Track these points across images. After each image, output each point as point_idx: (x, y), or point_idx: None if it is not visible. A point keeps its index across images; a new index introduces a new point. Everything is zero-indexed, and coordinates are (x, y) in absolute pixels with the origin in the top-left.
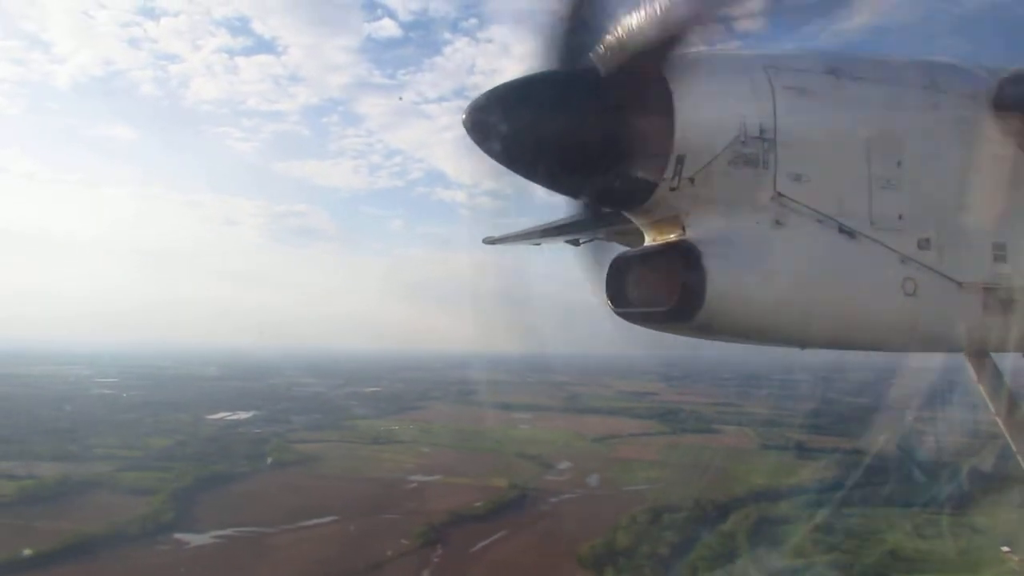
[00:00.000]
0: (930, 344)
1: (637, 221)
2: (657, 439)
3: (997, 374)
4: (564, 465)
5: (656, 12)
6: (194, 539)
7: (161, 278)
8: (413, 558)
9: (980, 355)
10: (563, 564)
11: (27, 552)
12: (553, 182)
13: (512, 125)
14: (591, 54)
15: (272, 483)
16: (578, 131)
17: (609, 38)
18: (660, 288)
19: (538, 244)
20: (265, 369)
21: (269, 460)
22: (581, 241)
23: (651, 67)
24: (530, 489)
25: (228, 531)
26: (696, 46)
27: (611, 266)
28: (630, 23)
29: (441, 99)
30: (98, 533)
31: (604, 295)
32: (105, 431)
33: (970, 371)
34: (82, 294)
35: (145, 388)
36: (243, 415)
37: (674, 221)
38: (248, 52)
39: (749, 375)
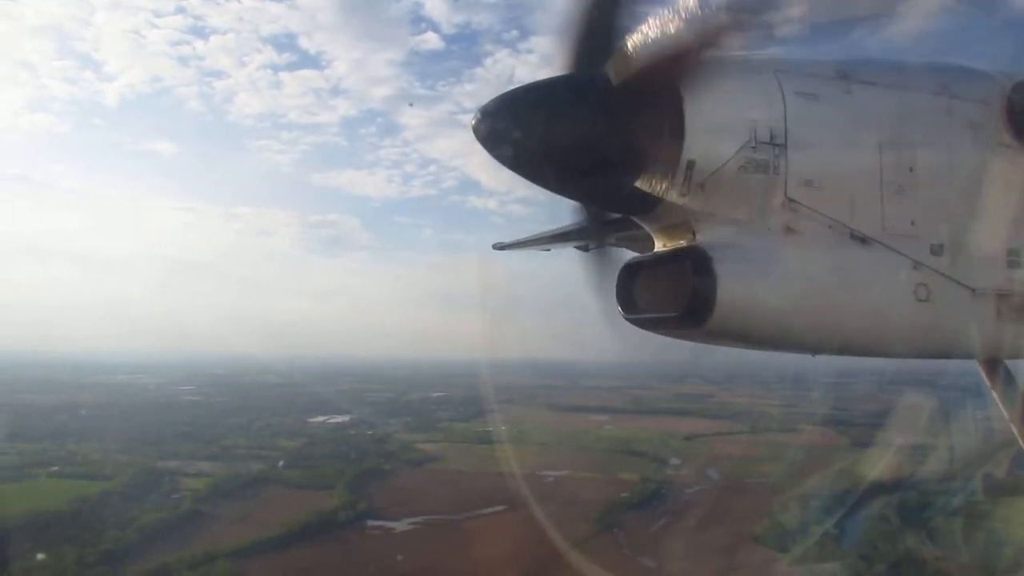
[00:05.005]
0: (943, 351)
1: (647, 227)
2: (743, 437)
3: (1011, 381)
4: (675, 461)
5: (673, 22)
6: (395, 525)
7: (198, 290)
8: (606, 538)
9: (994, 362)
10: (742, 544)
11: (267, 535)
12: (562, 188)
13: (521, 130)
14: (604, 59)
15: (420, 478)
16: (587, 136)
17: (622, 44)
18: (670, 294)
19: (547, 250)
20: (320, 376)
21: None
22: (590, 247)
23: (661, 72)
24: (661, 482)
25: (419, 519)
26: (714, 54)
27: (621, 272)
28: (645, 30)
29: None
30: (310, 521)
31: (614, 301)
32: (229, 434)
33: (984, 378)
34: (122, 306)
35: (226, 395)
36: (340, 419)
37: (684, 227)
38: (292, 67)
39: (795, 377)
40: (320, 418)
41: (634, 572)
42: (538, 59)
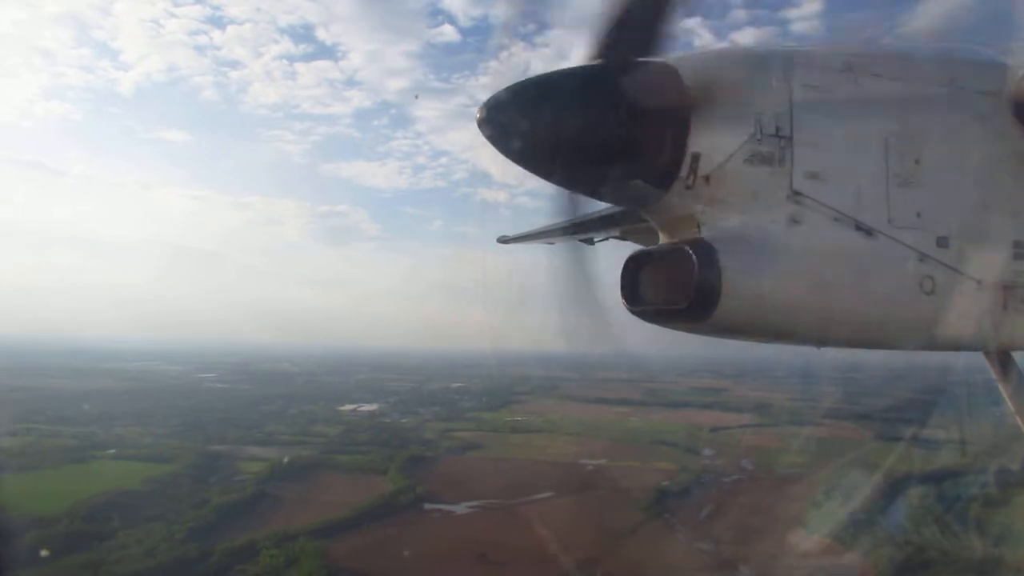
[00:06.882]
0: (949, 343)
1: (652, 220)
2: (768, 430)
3: (1018, 372)
4: (707, 452)
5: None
6: (454, 509)
7: (204, 277)
8: (658, 524)
9: (1000, 353)
10: (792, 529)
11: (339, 516)
12: (567, 181)
13: (524, 124)
14: (634, 51)
15: (466, 465)
16: (592, 129)
17: (653, 41)
18: (675, 286)
19: (552, 243)
20: (334, 365)
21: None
22: (595, 240)
23: (665, 64)
24: (698, 472)
25: (474, 503)
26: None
27: (626, 264)
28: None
29: None
30: (375, 503)
31: (619, 293)
32: (267, 421)
33: (991, 370)
34: (128, 293)
35: (249, 383)
36: (369, 407)
37: (689, 219)
38: (308, 58)
39: (805, 372)
40: (350, 406)
41: (691, 556)
42: (553, 53)
